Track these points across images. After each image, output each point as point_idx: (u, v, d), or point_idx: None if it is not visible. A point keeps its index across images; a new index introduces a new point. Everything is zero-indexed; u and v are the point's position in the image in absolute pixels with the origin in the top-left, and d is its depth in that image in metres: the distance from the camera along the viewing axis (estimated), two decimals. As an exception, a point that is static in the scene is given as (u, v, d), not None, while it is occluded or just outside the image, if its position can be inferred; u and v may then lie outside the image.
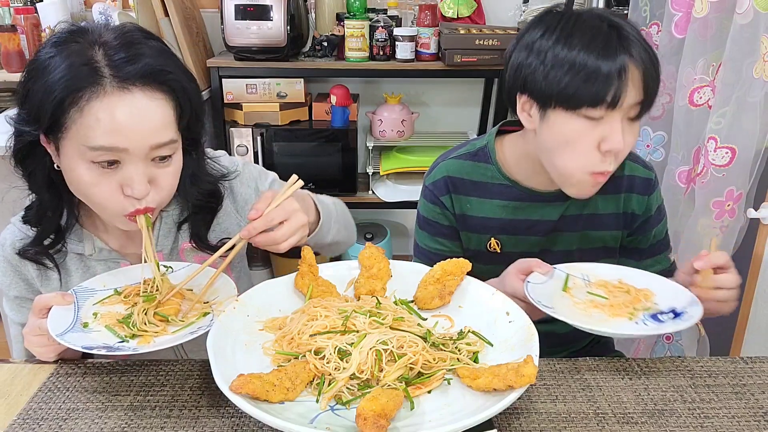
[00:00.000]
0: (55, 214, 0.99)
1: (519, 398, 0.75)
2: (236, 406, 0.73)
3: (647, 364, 0.94)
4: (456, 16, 2.36)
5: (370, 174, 2.47)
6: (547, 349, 0.89)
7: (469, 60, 2.22)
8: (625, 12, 1.95)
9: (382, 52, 2.28)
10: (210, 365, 0.76)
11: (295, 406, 0.75)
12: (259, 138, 2.34)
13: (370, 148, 2.49)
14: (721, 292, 0.99)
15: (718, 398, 0.87)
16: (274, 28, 2.16)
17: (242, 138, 2.34)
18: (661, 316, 0.94)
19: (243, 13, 2.15)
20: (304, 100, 2.39)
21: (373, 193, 2.48)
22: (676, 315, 0.94)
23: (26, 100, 0.89)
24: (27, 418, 0.82)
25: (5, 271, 1.03)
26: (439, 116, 2.71)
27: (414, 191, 2.42)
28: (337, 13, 2.36)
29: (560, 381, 0.89)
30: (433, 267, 0.99)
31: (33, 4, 2.34)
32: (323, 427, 0.72)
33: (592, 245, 1.22)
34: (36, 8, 2.31)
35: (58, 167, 0.93)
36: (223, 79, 2.29)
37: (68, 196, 0.97)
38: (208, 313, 0.90)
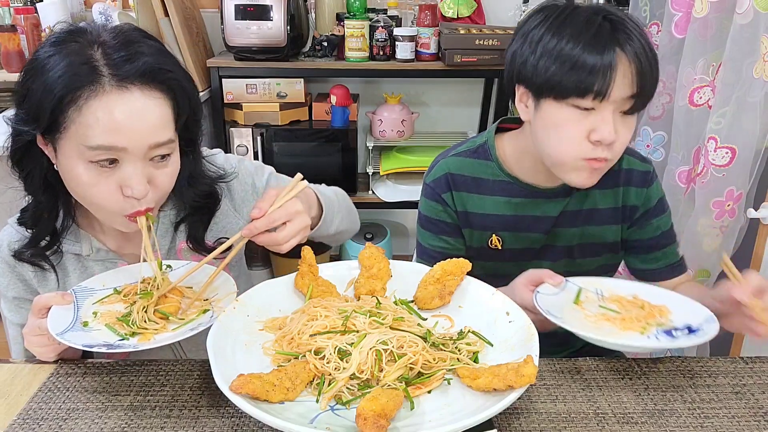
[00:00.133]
0: (51, 215, 0.99)
1: (519, 398, 0.75)
2: (236, 406, 0.73)
3: (647, 364, 0.94)
4: (456, 16, 2.35)
5: (370, 174, 2.47)
6: (547, 349, 0.89)
7: (469, 60, 2.22)
8: (625, 12, 1.95)
9: (382, 52, 2.28)
10: (210, 365, 0.76)
11: (295, 406, 0.75)
12: (259, 138, 2.34)
13: (370, 148, 2.49)
14: None
15: (718, 398, 0.87)
16: (274, 28, 2.16)
17: (242, 138, 2.34)
18: (675, 332, 0.91)
19: (243, 13, 2.15)
20: (304, 100, 2.39)
21: (373, 193, 2.48)
22: (691, 331, 0.90)
23: (25, 100, 0.88)
24: (27, 418, 0.82)
25: (3, 273, 1.03)
26: (439, 116, 2.71)
27: (414, 191, 2.42)
28: (337, 13, 2.36)
29: (560, 381, 0.89)
30: (433, 267, 0.99)
31: (33, 4, 2.34)
32: (323, 427, 0.72)
33: (592, 240, 1.22)
34: (36, 8, 2.31)
35: (56, 168, 0.93)
36: (223, 79, 2.29)
37: (65, 197, 0.97)
38: (208, 311, 0.90)
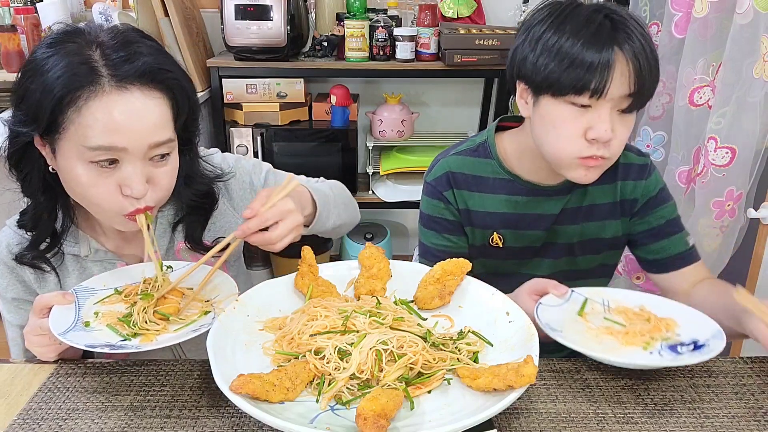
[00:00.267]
0: (51, 217, 0.99)
1: (519, 398, 0.75)
2: (236, 406, 0.73)
3: (647, 364, 0.94)
4: (456, 16, 2.35)
5: (370, 174, 2.47)
6: (548, 349, 0.89)
7: (469, 60, 2.22)
8: (628, 10, 1.95)
9: (382, 52, 2.28)
10: (210, 365, 0.76)
11: (295, 406, 0.75)
12: (259, 138, 2.34)
13: (370, 148, 2.49)
14: None
15: (718, 398, 0.87)
16: (274, 28, 2.16)
17: (242, 138, 2.34)
18: (680, 347, 0.89)
19: (243, 13, 2.15)
20: (304, 100, 2.39)
21: (373, 193, 2.48)
22: (697, 347, 0.88)
23: (23, 101, 0.88)
24: (27, 418, 0.82)
25: (2, 274, 1.03)
26: (439, 116, 2.71)
27: (414, 191, 2.42)
28: (337, 13, 2.36)
29: (560, 381, 0.89)
30: (433, 267, 0.99)
31: (33, 4, 2.34)
32: (323, 427, 0.72)
33: (592, 236, 1.21)
34: (36, 8, 2.31)
35: (53, 170, 0.93)
36: (223, 79, 2.29)
37: (64, 198, 0.97)
38: (210, 312, 0.90)
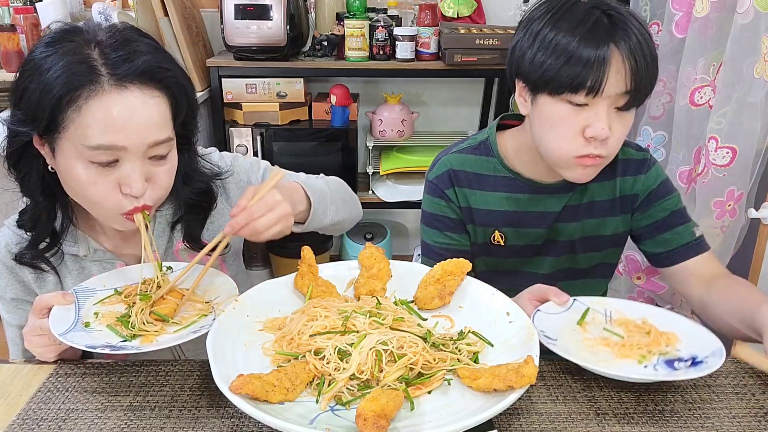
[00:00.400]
0: (50, 217, 0.99)
1: (519, 398, 0.75)
2: (236, 407, 0.73)
3: (648, 365, 0.94)
4: (456, 16, 2.35)
5: (370, 174, 2.47)
6: (548, 350, 0.89)
7: (469, 60, 2.22)
8: (627, 8, 1.95)
9: (382, 52, 2.28)
10: (210, 365, 0.76)
11: (294, 407, 0.75)
12: (258, 138, 2.33)
13: (370, 148, 2.49)
14: None
15: (719, 398, 0.86)
16: (274, 28, 2.15)
17: (242, 138, 2.34)
18: (677, 363, 0.86)
19: (243, 12, 2.15)
20: (304, 100, 2.39)
21: (373, 193, 2.48)
22: (695, 363, 0.85)
23: (22, 100, 0.88)
24: (26, 418, 0.82)
25: (1, 274, 1.03)
26: (439, 116, 2.71)
27: (414, 191, 2.42)
28: (337, 13, 2.35)
29: (560, 381, 0.89)
30: (433, 267, 0.99)
31: (32, 3, 2.33)
32: (323, 428, 0.72)
33: (593, 233, 1.21)
34: (35, 8, 2.30)
35: (52, 169, 0.92)
36: (223, 79, 2.29)
37: (63, 198, 0.97)
38: (210, 313, 0.90)
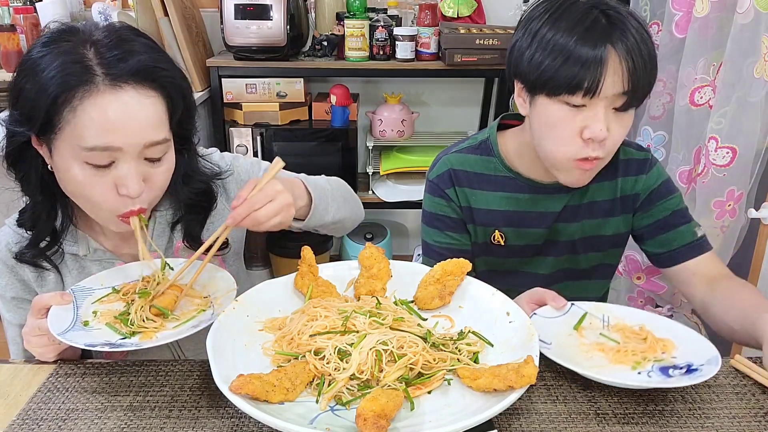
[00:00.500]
0: (50, 216, 0.99)
1: (519, 398, 0.75)
2: (236, 407, 0.73)
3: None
4: (456, 16, 2.35)
5: (370, 174, 2.47)
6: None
7: (469, 60, 2.22)
8: (627, 8, 1.95)
9: (382, 52, 2.28)
10: (210, 365, 0.76)
11: (294, 407, 0.75)
12: (258, 138, 2.34)
13: (370, 148, 2.49)
14: None
15: (719, 398, 0.86)
16: (274, 28, 2.15)
17: (242, 138, 2.34)
18: (672, 370, 0.86)
19: (243, 12, 2.15)
20: (303, 100, 2.39)
21: (373, 193, 2.48)
22: (690, 371, 0.85)
23: (18, 101, 0.88)
24: (26, 418, 0.82)
25: (1, 273, 1.03)
26: (439, 116, 2.71)
27: (414, 191, 2.42)
28: (337, 13, 2.35)
29: (560, 381, 0.89)
30: (433, 267, 0.99)
31: (32, 3, 2.33)
32: (323, 428, 0.72)
33: (593, 234, 1.21)
34: (35, 8, 2.30)
35: (51, 169, 0.92)
36: (223, 79, 2.29)
37: (62, 197, 0.97)
38: (209, 308, 0.90)
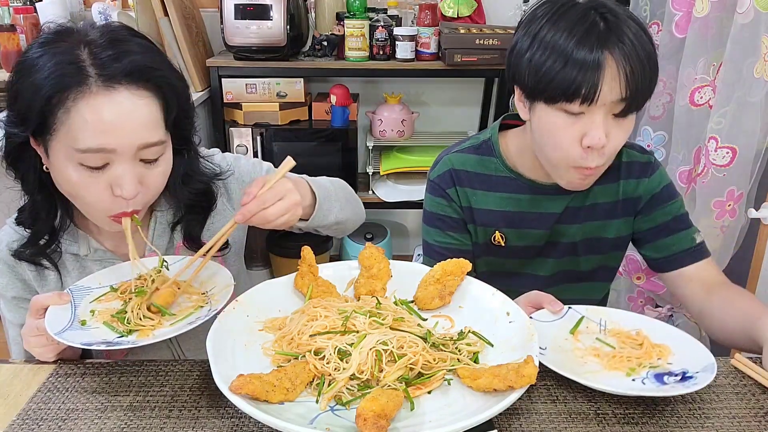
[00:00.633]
0: (49, 215, 0.99)
1: (519, 398, 0.75)
2: (236, 407, 0.73)
3: (648, 365, 0.93)
4: (456, 16, 2.35)
5: (370, 174, 2.47)
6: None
7: (469, 60, 2.22)
8: (626, 9, 1.95)
9: (382, 52, 2.28)
10: (209, 365, 0.76)
11: (294, 407, 0.75)
12: (258, 138, 2.34)
13: (370, 148, 2.49)
14: None
15: (719, 398, 0.86)
16: (274, 28, 2.16)
17: (242, 138, 2.34)
18: (666, 377, 0.85)
19: (243, 12, 2.15)
20: (303, 100, 2.39)
21: (373, 193, 2.48)
22: (685, 378, 0.84)
23: (14, 102, 0.88)
24: (26, 418, 0.82)
25: (2, 272, 1.03)
26: (439, 116, 2.71)
27: (414, 191, 2.42)
28: (337, 13, 2.35)
29: (560, 381, 0.89)
30: (434, 267, 0.99)
31: (32, 3, 2.33)
32: (323, 428, 0.72)
33: (595, 236, 1.21)
34: (35, 8, 2.31)
35: (47, 169, 0.92)
36: (223, 79, 2.29)
37: (61, 197, 0.97)
38: (206, 305, 0.90)
